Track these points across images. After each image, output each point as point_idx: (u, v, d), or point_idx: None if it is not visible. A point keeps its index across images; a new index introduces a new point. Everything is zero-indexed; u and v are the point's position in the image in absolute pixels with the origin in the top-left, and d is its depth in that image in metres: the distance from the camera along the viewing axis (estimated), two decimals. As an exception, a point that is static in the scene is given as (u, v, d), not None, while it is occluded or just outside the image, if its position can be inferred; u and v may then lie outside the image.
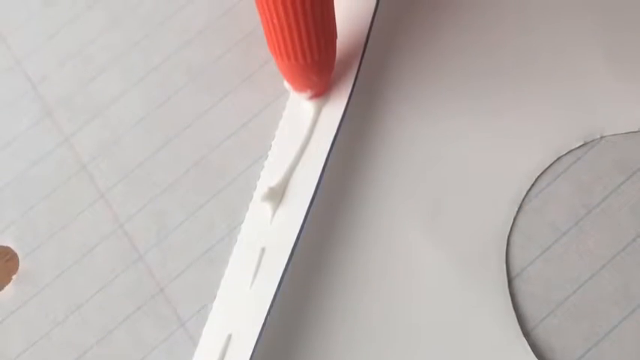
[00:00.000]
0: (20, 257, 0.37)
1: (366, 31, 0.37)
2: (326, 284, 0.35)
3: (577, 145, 0.35)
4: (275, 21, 0.33)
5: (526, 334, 0.33)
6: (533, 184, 0.35)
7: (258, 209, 0.36)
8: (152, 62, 0.40)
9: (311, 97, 0.36)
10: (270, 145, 0.37)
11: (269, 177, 0.36)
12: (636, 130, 0.35)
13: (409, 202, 0.35)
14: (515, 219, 0.34)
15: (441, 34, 0.38)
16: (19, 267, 0.37)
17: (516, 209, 0.34)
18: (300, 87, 0.36)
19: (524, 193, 0.35)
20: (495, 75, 0.37)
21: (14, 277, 0.37)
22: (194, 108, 0.39)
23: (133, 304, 0.36)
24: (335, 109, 0.36)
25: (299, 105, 0.37)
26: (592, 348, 0.33)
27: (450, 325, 0.34)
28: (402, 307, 0.34)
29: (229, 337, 0.33)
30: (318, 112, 0.36)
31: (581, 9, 0.37)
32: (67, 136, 0.39)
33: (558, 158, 0.35)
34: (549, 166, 0.35)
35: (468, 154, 0.36)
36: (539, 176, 0.35)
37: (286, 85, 0.37)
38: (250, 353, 0.33)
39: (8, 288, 0.37)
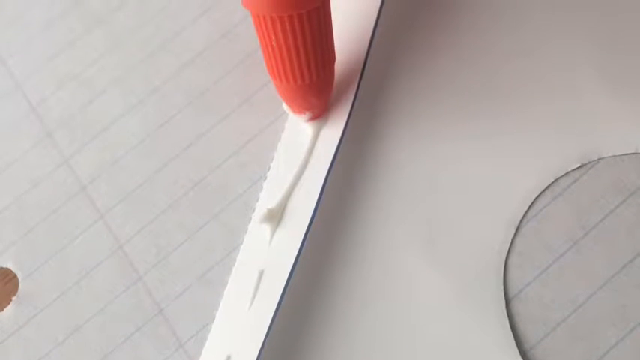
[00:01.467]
0: (20, 278, 0.38)
1: (365, 53, 0.38)
2: (324, 306, 0.35)
3: (574, 167, 0.36)
4: (273, 43, 0.33)
5: (523, 354, 0.33)
6: (530, 206, 0.35)
7: (257, 231, 0.36)
8: (151, 84, 0.41)
9: (310, 119, 0.37)
10: (269, 167, 0.38)
11: (268, 199, 0.37)
12: (633, 151, 0.35)
13: (407, 224, 0.36)
14: (512, 240, 0.35)
15: (439, 56, 0.39)
16: (19, 288, 0.38)
17: (514, 231, 0.35)
18: (298, 109, 0.37)
19: (522, 214, 0.35)
20: (493, 97, 0.37)
21: (14, 298, 0.38)
22: (193, 130, 0.40)
23: (133, 324, 0.37)
24: (333, 130, 0.37)
25: (298, 127, 0.38)
26: (589, 368, 0.33)
27: (448, 345, 0.34)
28: (400, 328, 0.34)
29: (228, 358, 0.34)
30: (316, 134, 0.37)
31: (577, 31, 0.38)
32: (67, 157, 0.40)
33: (556, 180, 0.35)
34: (547, 188, 0.35)
35: (466, 175, 0.36)
36: (536, 198, 0.35)
37: (285, 107, 0.37)
38: (249, 374, 0.33)
39: (8, 309, 0.37)
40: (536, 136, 0.36)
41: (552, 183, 0.36)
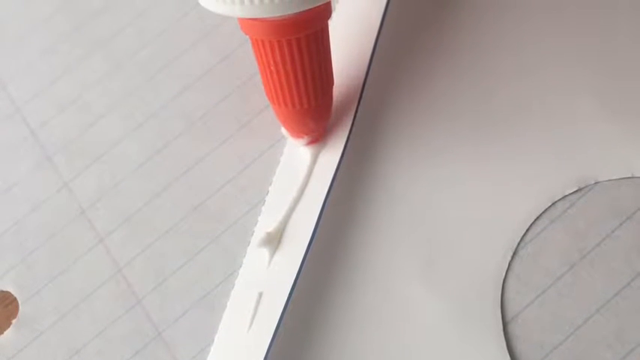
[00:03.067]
0: (20, 302, 0.38)
1: (363, 77, 0.39)
2: (323, 328, 0.36)
3: (571, 191, 0.36)
4: (272, 68, 0.34)
5: (521, 377, 0.34)
6: (527, 230, 0.36)
7: (256, 254, 0.37)
8: (151, 108, 0.42)
9: (308, 143, 0.38)
10: (268, 191, 0.38)
11: (266, 222, 0.37)
12: (630, 175, 0.36)
13: (405, 247, 0.36)
14: (510, 264, 0.35)
15: (437, 79, 0.39)
16: (19, 311, 0.38)
17: (511, 254, 0.36)
18: (297, 133, 0.37)
19: (519, 238, 0.36)
20: (491, 120, 0.38)
21: (14, 321, 0.38)
22: (192, 154, 0.40)
23: (132, 348, 0.37)
24: (332, 154, 0.38)
25: (296, 150, 0.38)
26: (586, 392, 0.34)
27: (445, 368, 0.35)
28: (398, 350, 0.35)
29: (227, 380, 0.35)
30: (315, 158, 0.37)
31: (576, 56, 0.39)
32: (67, 181, 0.41)
33: (553, 204, 0.36)
34: (544, 212, 0.36)
35: (464, 198, 0.37)
36: (533, 221, 0.36)
37: (283, 131, 0.38)
38: (249, 397, 0.34)
39: (8, 332, 0.38)
40: (534, 160, 0.37)
41: (550, 207, 0.36)
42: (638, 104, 0.37)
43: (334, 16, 0.40)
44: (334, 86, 0.37)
